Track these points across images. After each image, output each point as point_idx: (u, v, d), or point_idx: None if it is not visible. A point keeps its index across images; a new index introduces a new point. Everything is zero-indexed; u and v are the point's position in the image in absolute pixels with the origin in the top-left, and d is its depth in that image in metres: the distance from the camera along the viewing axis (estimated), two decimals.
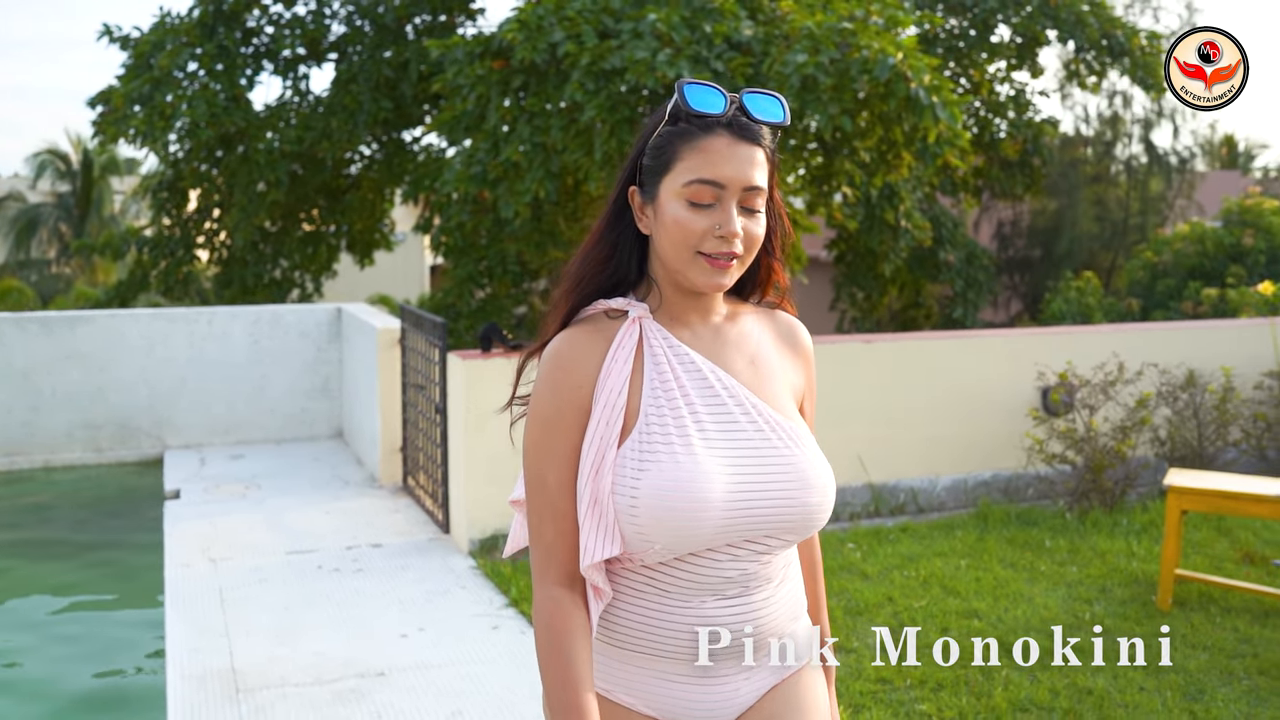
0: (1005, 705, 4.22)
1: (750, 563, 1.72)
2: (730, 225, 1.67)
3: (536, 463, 1.71)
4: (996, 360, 7.32)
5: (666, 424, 1.68)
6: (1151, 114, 18.95)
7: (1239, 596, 5.38)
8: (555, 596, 1.70)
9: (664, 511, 1.63)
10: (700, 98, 1.70)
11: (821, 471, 1.75)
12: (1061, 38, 14.51)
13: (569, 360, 1.71)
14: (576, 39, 10.68)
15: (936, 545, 6.18)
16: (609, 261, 1.78)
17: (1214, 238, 15.99)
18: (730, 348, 1.80)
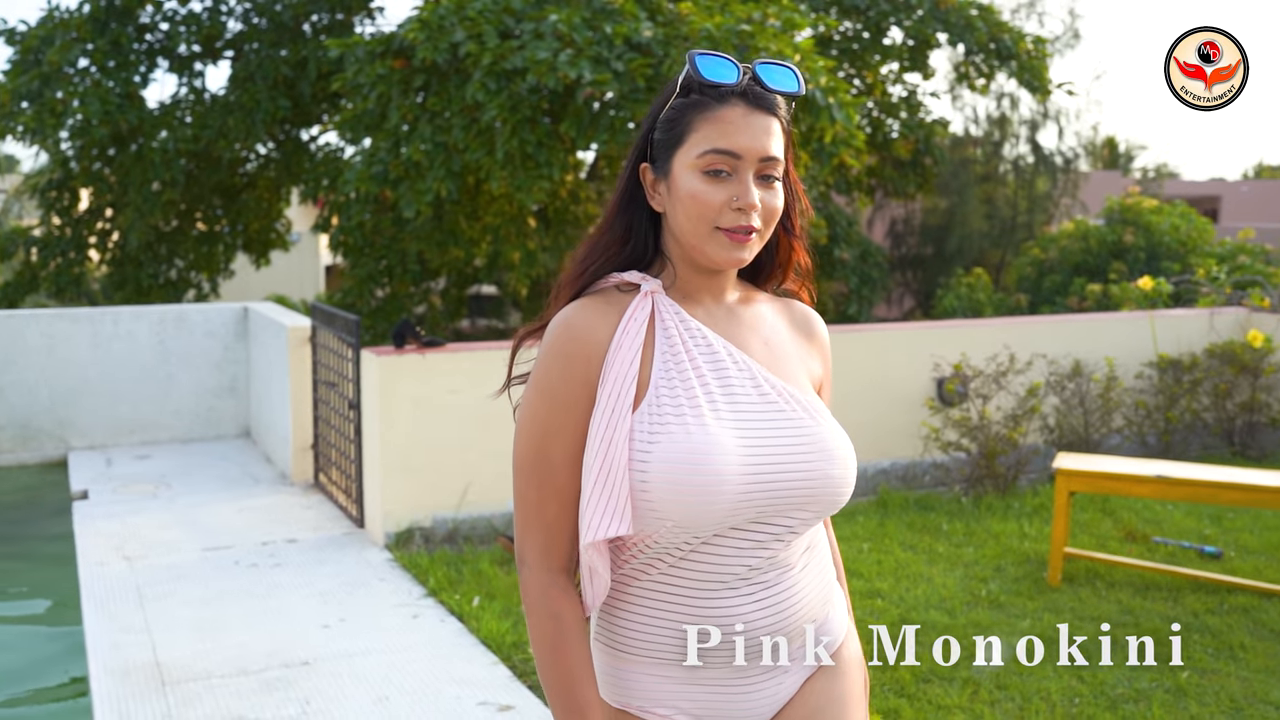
0: (908, 678, 4.44)
1: (772, 546, 1.64)
2: (748, 196, 1.60)
3: (539, 437, 1.64)
4: (895, 353, 7.59)
5: (677, 395, 1.61)
6: (1038, 115, 19.59)
7: (1122, 571, 5.69)
8: (560, 584, 1.65)
9: (676, 484, 1.55)
10: (713, 67, 1.63)
11: (842, 443, 1.68)
12: (952, 41, 14.93)
13: (580, 330, 1.64)
14: (478, 39, 10.76)
15: (839, 531, 6.41)
16: (624, 244, 1.72)
17: (1097, 235, 16.58)
18: (745, 328, 1.74)
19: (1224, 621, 5.06)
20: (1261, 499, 5.39)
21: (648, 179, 1.70)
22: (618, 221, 1.73)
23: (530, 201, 11.01)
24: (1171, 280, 10.47)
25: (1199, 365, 8.15)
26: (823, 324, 1.87)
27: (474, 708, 4.16)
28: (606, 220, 1.74)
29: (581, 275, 1.72)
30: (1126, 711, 4.17)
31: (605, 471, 1.58)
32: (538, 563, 1.65)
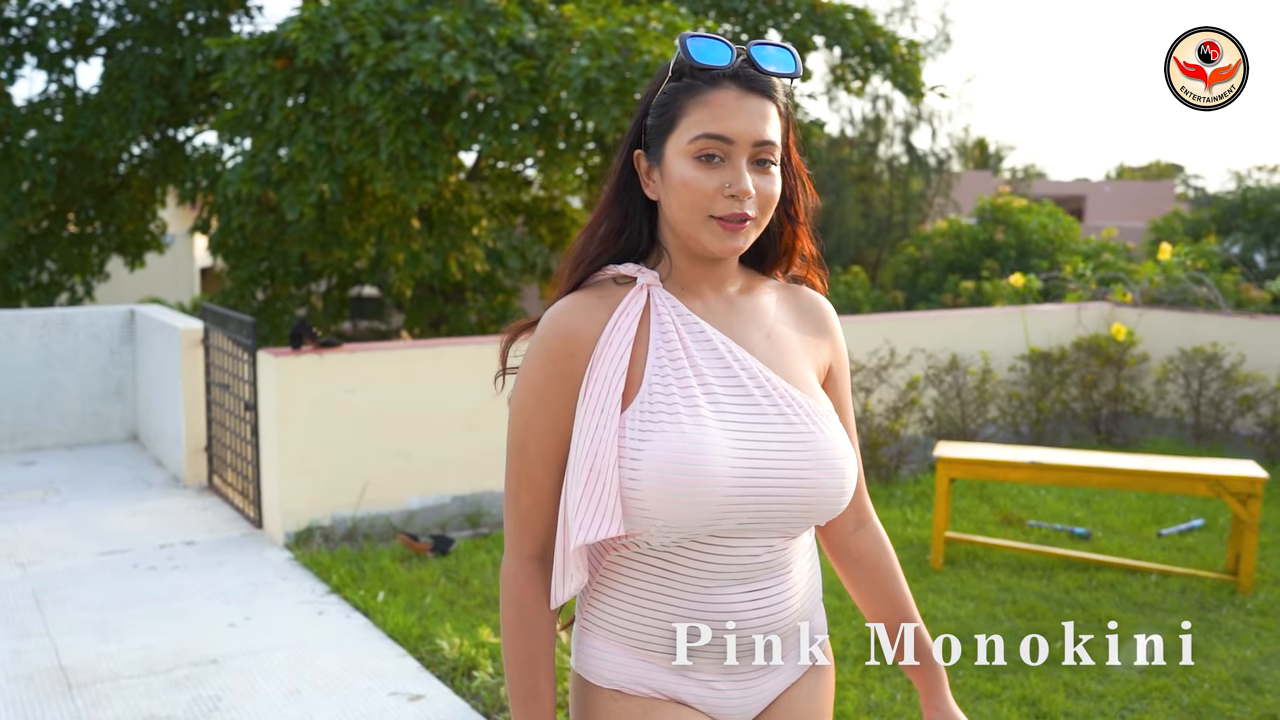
0: None
1: (765, 549, 1.62)
2: (741, 183, 1.54)
3: (519, 428, 1.63)
4: None
5: (672, 392, 1.57)
6: (911, 117, 20.18)
7: (1000, 553, 5.99)
8: (528, 570, 1.65)
9: (667, 484, 1.51)
10: (704, 50, 1.57)
11: (841, 452, 1.63)
12: (828, 44, 15.28)
13: (566, 325, 1.61)
14: (361, 40, 10.75)
15: None
16: (619, 235, 1.67)
17: (970, 234, 17.17)
18: (745, 321, 1.68)
19: (1093, 596, 5.38)
20: (1126, 481, 5.73)
21: (642, 166, 1.65)
22: (613, 211, 1.67)
23: (415, 202, 11.04)
24: (1041, 277, 10.92)
25: (1067, 358, 8.56)
26: (832, 312, 1.80)
27: (385, 698, 4.25)
28: (601, 210, 1.68)
29: (577, 268, 1.68)
30: (1006, 681, 4.43)
31: (593, 472, 1.55)
32: (510, 547, 1.67)
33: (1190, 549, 6.16)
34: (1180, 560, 5.95)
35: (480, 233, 13.27)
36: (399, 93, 10.74)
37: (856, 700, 4.27)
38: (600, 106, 10.52)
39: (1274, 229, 19.32)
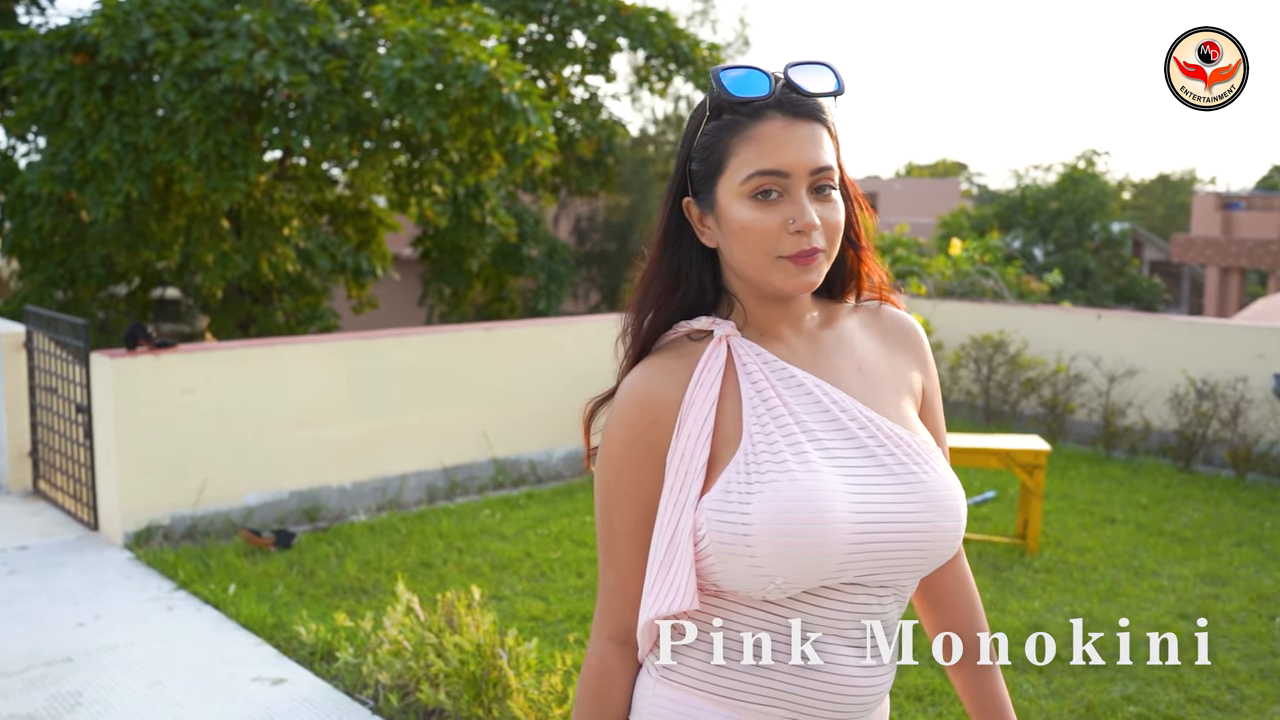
0: None
1: (875, 607, 1.50)
2: (805, 216, 1.45)
3: (603, 505, 1.55)
4: (603, 342, 8.17)
5: (775, 440, 1.46)
6: None
7: None
8: (603, 654, 1.57)
9: (783, 536, 1.40)
10: (741, 82, 1.49)
11: (955, 493, 1.53)
12: (633, 46, 15.70)
13: (643, 395, 1.51)
14: (167, 37, 10.63)
15: (561, 508, 6.93)
16: (675, 288, 1.57)
17: None
18: (833, 356, 1.58)
19: None
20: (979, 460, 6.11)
21: (693, 214, 1.55)
22: (664, 265, 1.57)
23: (226, 202, 10.98)
24: None
25: None
26: (919, 329, 1.70)
27: (248, 683, 4.41)
28: (652, 265, 1.59)
29: (641, 329, 1.58)
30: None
31: (670, 541, 1.47)
32: (594, 628, 1.59)
33: (985, 518, 6.78)
34: (976, 528, 6.54)
35: (291, 233, 13.22)
36: (208, 91, 10.66)
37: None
38: (414, 107, 10.66)
39: (1050, 224, 20.71)
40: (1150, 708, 4.27)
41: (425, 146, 13.17)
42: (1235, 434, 8.03)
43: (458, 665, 4.00)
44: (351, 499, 6.84)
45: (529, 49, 16.03)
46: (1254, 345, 8.27)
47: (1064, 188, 21.72)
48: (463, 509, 6.87)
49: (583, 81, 17.13)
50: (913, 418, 1.59)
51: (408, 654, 4.21)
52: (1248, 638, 4.98)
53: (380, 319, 19.21)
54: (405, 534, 6.33)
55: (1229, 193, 35.16)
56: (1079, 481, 7.70)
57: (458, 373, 7.37)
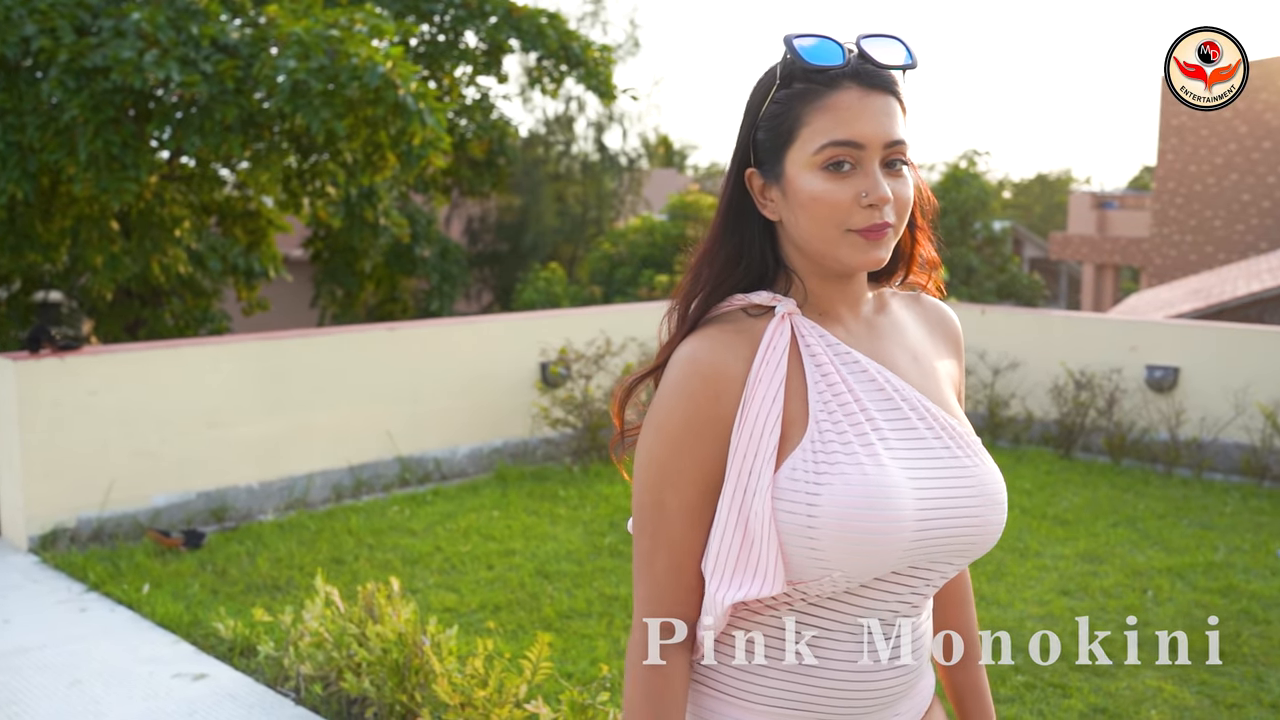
0: (552, 613, 5.16)
1: (917, 594, 1.49)
2: (879, 189, 1.41)
3: (655, 484, 1.46)
4: (503, 341, 8.31)
5: (844, 429, 1.43)
6: (603, 118, 20.99)
7: None
8: (655, 641, 1.48)
9: (851, 531, 1.37)
10: (817, 50, 1.45)
11: (1001, 484, 1.53)
12: (525, 47, 15.80)
13: (708, 366, 1.44)
14: (51, 34, 10.48)
15: (467, 503, 7.04)
16: (738, 262, 1.52)
17: (662, 229, 18.11)
18: (889, 342, 1.56)
19: None
20: None
21: (755, 185, 1.50)
22: (727, 239, 1.53)
23: (117, 203, 10.85)
24: None
25: None
26: (956, 320, 1.70)
27: (169, 680, 4.47)
28: (714, 238, 1.54)
29: (698, 299, 1.52)
30: None
31: (744, 526, 1.42)
32: (640, 614, 1.50)
33: None
34: None
35: (182, 234, 13.08)
36: (97, 90, 10.52)
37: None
38: (309, 108, 10.65)
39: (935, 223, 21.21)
40: (1036, 676, 4.55)
41: (319, 147, 13.13)
42: (1111, 422, 8.45)
43: (380, 654, 4.11)
44: (259, 499, 6.87)
45: (421, 50, 16.03)
46: (1128, 338, 8.71)
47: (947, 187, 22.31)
48: (370, 506, 6.95)
49: (474, 82, 17.18)
50: (958, 409, 1.58)
51: (329, 645, 4.31)
52: (1124, 610, 5.31)
53: (271, 321, 19.04)
54: (315, 532, 6.40)
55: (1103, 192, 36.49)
56: None
57: (362, 372, 7.44)
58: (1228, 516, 6.94)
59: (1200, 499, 7.34)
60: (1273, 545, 6.34)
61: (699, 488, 1.45)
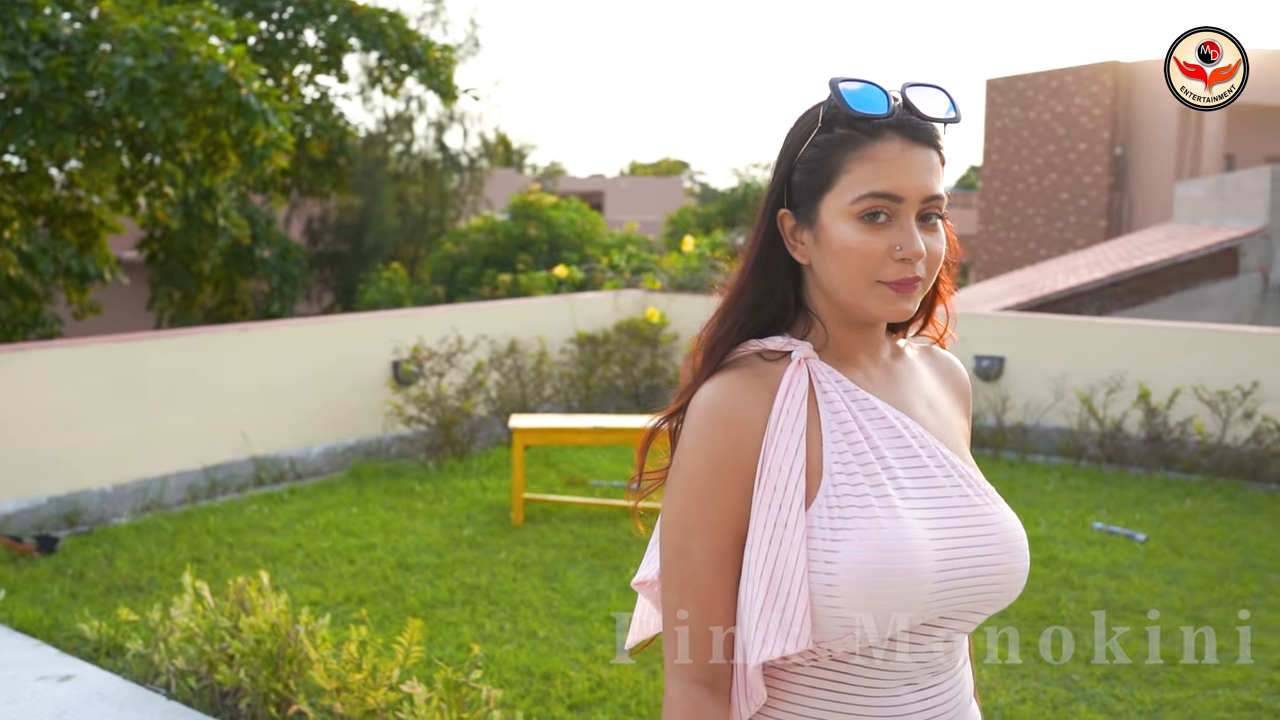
0: (416, 603, 5.30)
1: (945, 644, 1.47)
2: (914, 244, 1.42)
3: (679, 533, 1.44)
4: (355, 340, 8.37)
5: (859, 482, 1.41)
6: (444, 118, 20.99)
7: (570, 509, 6.90)
8: (693, 697, 1.45)
9: (870, 587, 1.36)
10: (863, 98, 1.44)
11: (1021, 531, 1.51)
12: (365, 47, 15.74)
13: (729, 412, 1.44)
14: None
15: (324, 501, 7.11)
16: (763, 304, 1.52)
17: (504, 229, 18.21)
18: (906, 388, 1.56)
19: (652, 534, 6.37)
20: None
21: (787, 227, 1.50)
22: (757, 279, 1.52)
23: None
24: (582, 268, 12.07)
25: (610, 340, 9.68)
26: (965, 372, 1.72)
27: (34, 683, 4.47)
28: (745, 278, 1.53)
29: (723, 336, 1.52)
30: (591, 607, 5.30)
31: (777, 579, 1.39)
32: (672, 671, 1.47)
33: None
34: None
35: (12, 235, 12.71)
36: None
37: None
38: (148, 107, 10.50)
39: None
40: None
41: (156, 147, 12.90)
42: None
43: (254, 645, 4.21)
44: (112, 502, 6.82)
45: (259, 48, 15.84)
46: (957, 330, 9.19)
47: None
48: (227, 506, 6.96)
49: (313, 81, 17.03)
50: (970, 458, 1.57)
51: (200, 639, 4.38)
52: None
53: (105, 325, 18.52)
54: (173, 533, 6.40)
55: None
56: None
57: (215, 373, 7.44)
58: (1049, 494, 7.45)
59: (1025, 479, 7.85)
60: (1089, 519, 6.85)
61: (726, 537, 1.44)
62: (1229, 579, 5.80)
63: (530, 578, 5.71)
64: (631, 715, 4.25)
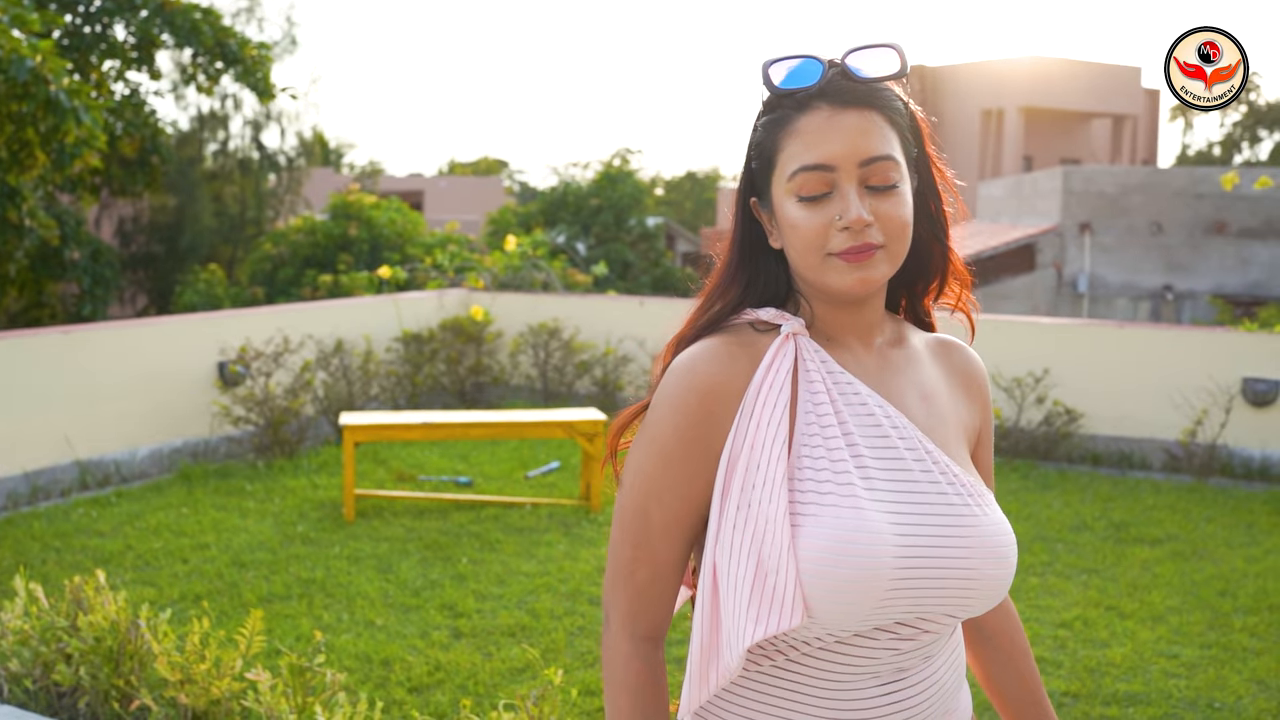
0: (253, 598, 5.41)
1: (913, 644, 1.41)
2: (852, 212, 1.35)
3: (639, 494, 1.44)
4: (180, 341, 8.34)
5: (823, 468, 1.37)
6: (261, 117, 20.69)
7: (401, 504, 7.05)
8: (644, 653, 1.46)
9: (824, 578, 1.31)
10: (789, 72, 1.40)
11: (1006, 538, 1.43)
12: (178, 43, 15.45)
13: (705, 378, 1.41)
14: None
15: (153, 503, 7.10)
16: (751, 277, 1.50)
17: (324, 229, 18.10)
18: (900, 377, 1.49)
19: (482, 528, 6.59)
20: (500, 432, 7.10)
21: (761, 215, 1.48)
22: (741, 271, 1.50)
23: None
24: (405, 268, 12.15)
25: (435, 338, 9.83)
26: (984, 370, 1.62)
27: None
28: (728, 269, 1.51)
29: (709, 310, 1.50)
30: (426, 596, 5.49)
31: (764, 555, 1.34)
32: (620, 627, 1.47)
33: (552, 485, 7.62)
34: (546, 494, 7.36)
35: None
36: None
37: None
38: None
39: (591, 220, 22.19)
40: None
41: None
42: None
43: (94, 643, 4.27)
44: None
45: (65, 42, 15.41)
46: None
47: (602, 185, 23.30)
48: (51, 512, 6.89)
49: (123, 77, 16.63)
50: (966, 458, 1.51)
51: (35, 641, 4.41)
52: None
53: None
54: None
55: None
56: None
57: (36, 377, 7.34)
58: None
59: None
60: None
61: (686, 504, 1.43)
62: (1022, 549, 6.32)
63: (365, 570, 5.86)
64: (470, 695, 4.46)
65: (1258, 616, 5.45)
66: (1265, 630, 5.28)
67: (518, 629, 5.14)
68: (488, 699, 4.40)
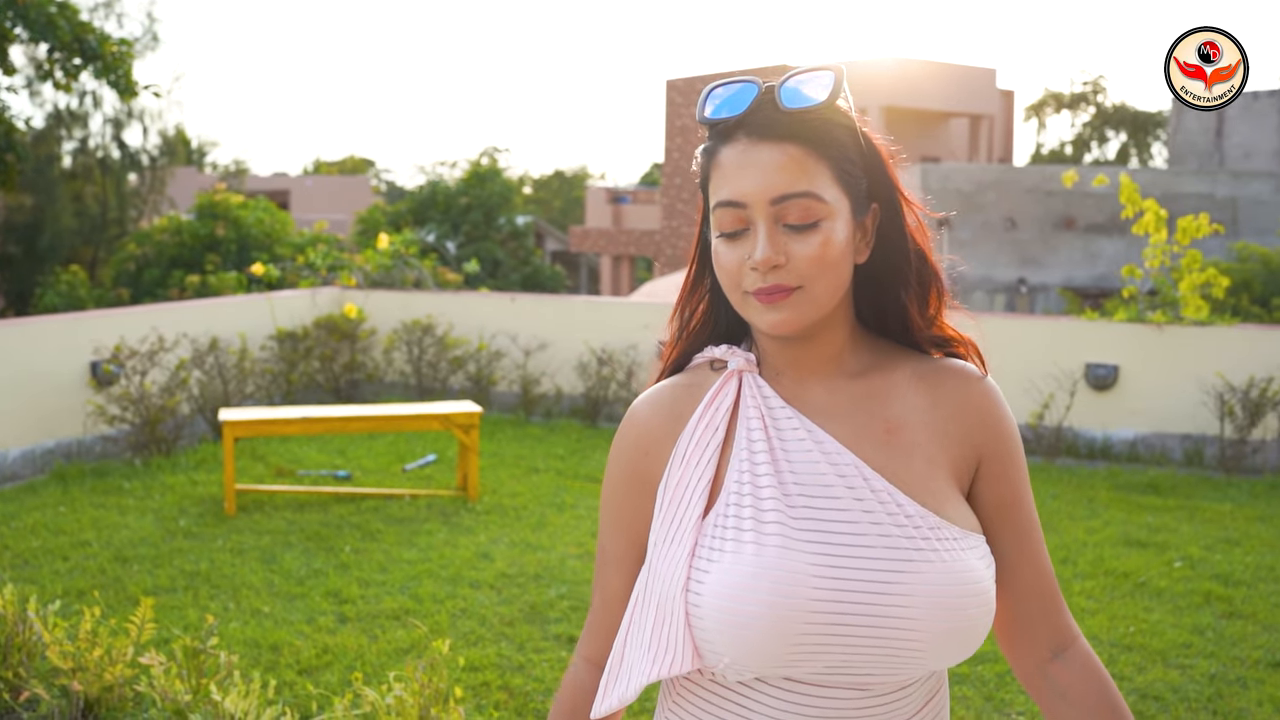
0: (138, 591, 5.49)
1: (856, 695, 1.32)
2: (759, 253, 1.29)
3: (601, 527, 1.49)
4: (50, 341, 8.29)
5: (745, 505, 1.32)
6: (122, 115, 20.31)
7: (282, 497, 7.16)
8: (581, 674, 1.51)
9: (729, 617, 1.27)
10: (717, 101, 1.35)
11: (965, 587, 1.30)
12: (33, 38, 15.12)
13: (641, 422, 1.43)
14: None
15: (27, 503, 7.08)
16: (709, 313, 1.47)
17: (190, 229, 17.88)
18: (858, 412, 1.39)
19: (363, 519, 6.75)
20: (379, 425, 7.24)
21: None
22: (696, 288, 1.48)
23: None
24: (279, 266, 12.16)
25: (310, 336, 9.91)
26: (988, 391, 1.44)
27: None
28: (682, 294, 1.49)
29: (674, 344, 1.50)
30: (310, 584, 5.64)
31: (662, 599, 1.34)
32: (578, 645, 1.54)
33: (429, 477, 7.79)
34: (424, 486, 7.54)
35: None
36: None
37: None
38: None
39: (461, 219, 22.28)
40: (580, 600, 5.45)
41: None
42: (630, 392, 9.66)
43: None
44: None
45: None
46: (641, 318, 9.96)
47: (471, 184, 23.40)
48: None
49: None
50: (943, 494, 1.37)
51: None
52: None
53: None
54: None
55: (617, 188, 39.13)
56: (506, 441, 8.94)
57: None
58: None
59: None
60: None
61: (628, 539, 1.45)
62: None
63: (249, 562, 5.97)
64: (357, 674, 4.64)
65: (1094, 581, 5.90)
66: (1100, 593, 5.73)
67: (401, 612, 5.32)
68: (376, 677, 4.58)
